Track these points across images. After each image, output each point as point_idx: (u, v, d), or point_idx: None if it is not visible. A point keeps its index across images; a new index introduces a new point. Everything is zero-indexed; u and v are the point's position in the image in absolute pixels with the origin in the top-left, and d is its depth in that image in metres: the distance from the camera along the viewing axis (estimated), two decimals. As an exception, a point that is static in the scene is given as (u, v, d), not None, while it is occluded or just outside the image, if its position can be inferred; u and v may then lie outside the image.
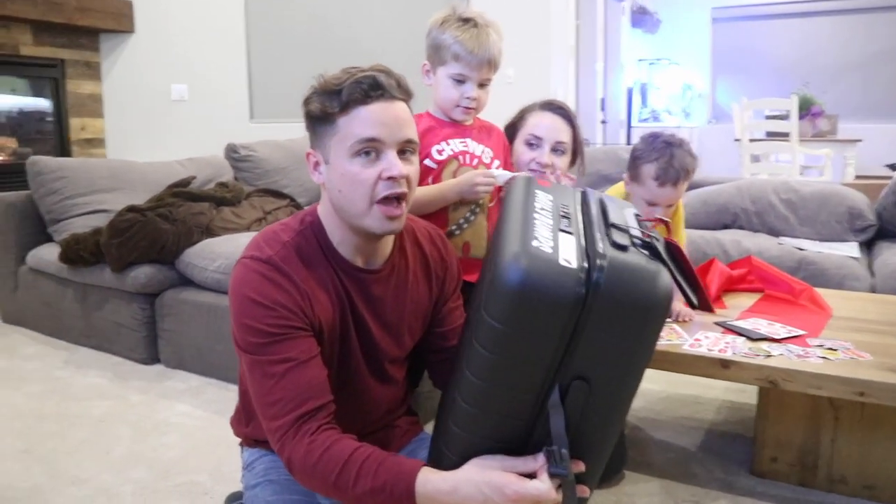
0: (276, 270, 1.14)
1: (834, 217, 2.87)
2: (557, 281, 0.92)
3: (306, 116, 1.19)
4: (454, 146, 1.67)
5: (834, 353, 1.61)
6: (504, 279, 0.92)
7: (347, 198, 1.16)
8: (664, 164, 1.80)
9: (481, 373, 0.98)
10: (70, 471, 1.93)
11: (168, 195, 3.11)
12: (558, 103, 1.81)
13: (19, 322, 3.23)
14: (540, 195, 1.15)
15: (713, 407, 2.27)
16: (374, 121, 1.13)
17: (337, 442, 1.07)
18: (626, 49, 7.56)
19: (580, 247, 0.99)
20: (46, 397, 2.43)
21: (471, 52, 1.58)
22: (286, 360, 1.10)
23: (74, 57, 4.79)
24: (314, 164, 1.21)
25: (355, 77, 1.15)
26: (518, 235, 0.98)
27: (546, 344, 0.94)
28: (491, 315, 0.95)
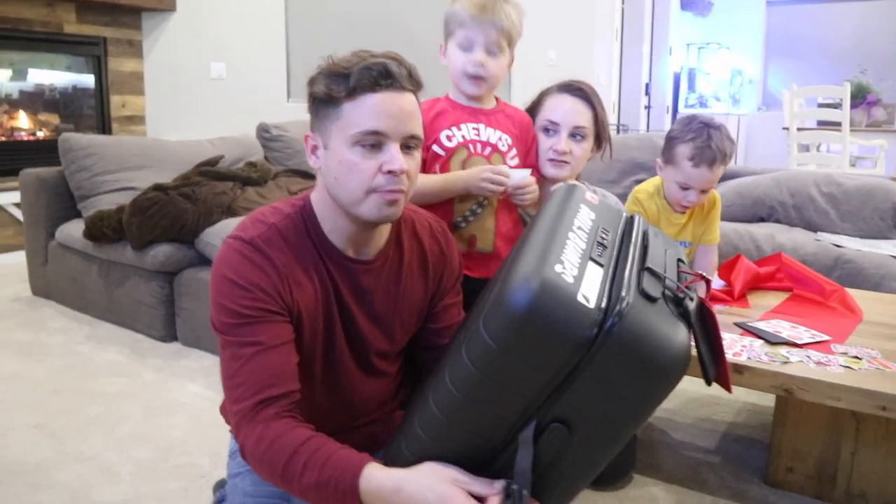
0: (256, 251, 1.11)
1: (878, 213, 2.72)
2: (568, 317, 0.83)
3: (310, 97, 1.14)
4: (466, 132, 1.57)
5: (858, 361, 1.51)
6: (510, 298, 0.84)
7: (343, 186, 1.12)
8: (701, 144, 1.74)
9: (461, 385, 0.92)
10: (77, 447, 1.94)
11: (195, 174, 3.12)
12: (577, 84, 1.69)
13: (48, 295, 3.30)
14: (583, 211, 1.05)
15: (733, 409, 2.17)
16: (380, 112, 1.09)
17: (290, 431, 1.02)
18: (675, 32, 7.33)
19: (606, 282, 0.89)
20: (65, 372, 2.47)
21: (474, 17, 1.49)
22: (255, 344, 1.07)
23: (117, 35, 4.84)
24: (312, 147, 1.17)
25: (366, 62, 1.09)
26: (540, 252, 0.89)
27: (537, 378, 0.87)
28: (488, 330, 0.86)
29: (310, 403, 1.23)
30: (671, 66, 7.35)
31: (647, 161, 3.25)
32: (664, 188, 1.88)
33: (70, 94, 4.75)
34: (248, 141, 3.80)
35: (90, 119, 4.82)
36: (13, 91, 4.46)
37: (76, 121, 4.77)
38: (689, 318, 0.90)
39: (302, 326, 1.15)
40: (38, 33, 4.37)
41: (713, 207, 1.93)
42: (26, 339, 2.79)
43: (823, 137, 5.13)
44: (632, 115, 6.44)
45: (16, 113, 4.48)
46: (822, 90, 5.47)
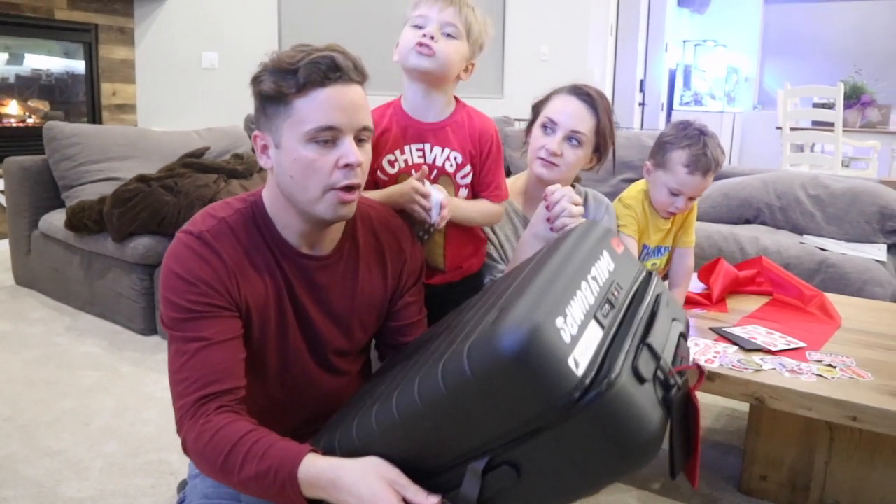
0: (204, 245, 1.10)
1: (864, 217, 2.70)
2: (552, 378, 0.80)
3: (256, 96, 1.12)
4: (409, 155, 1.44)
5: (832, 370, 1.49)
6: (501, 337, 0.81)
7: (300, 184, 1.10)
8: (697, 151, 1.71)
9: (426, 399, 0.89)
10: (47, 441, 1.93)
11: (179, 165, 3.09)
12: (589, 89, 1.63)
13: (30, 285, 3.27)
14: (603, 259, 1.01)
15: (711, 414, 2.16)
16: (332, 106, 1.07)
17: (230, 424, 1.01)
18: (671, 29, 7.29)
19: (602, 347, 0.87)
20: (42, 364, 2.45)
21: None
22: (199, 339, 1.07)
23: (108, 22, 4.80)
24: (262, 147, 1.14)
25: (312, 57, 1.08)
26: (547, 297, 0.86)
27: (503, 422, 0.85)
28: (469, 360, 0.84)
29: (266, 401, 1.23)
30: (666, 62, 7.32)
31: (635, 160, 3.23)
32: (651, 193, 1.84)
33: (60, 81, 4.71)
34: (236, 132, 3.77)
35: (81, 106, 4.79)
36: (8, 74, 4.42)
37: (67, 108, 4.74)
38: (670, 407, 0.88)
39: (251, 322, 1.14)
40: (28, 18, 4.33)
41: (691, 211, 1.91)
42: (5, 330, 2.76)
43: (816, 138, 5.11)
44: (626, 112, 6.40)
45: (6, 99, 4.44)
46: (816, 90, 5.44)
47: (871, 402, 1.34)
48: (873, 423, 1.34)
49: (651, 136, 3.37)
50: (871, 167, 5.14)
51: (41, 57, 4.57)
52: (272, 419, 1.21)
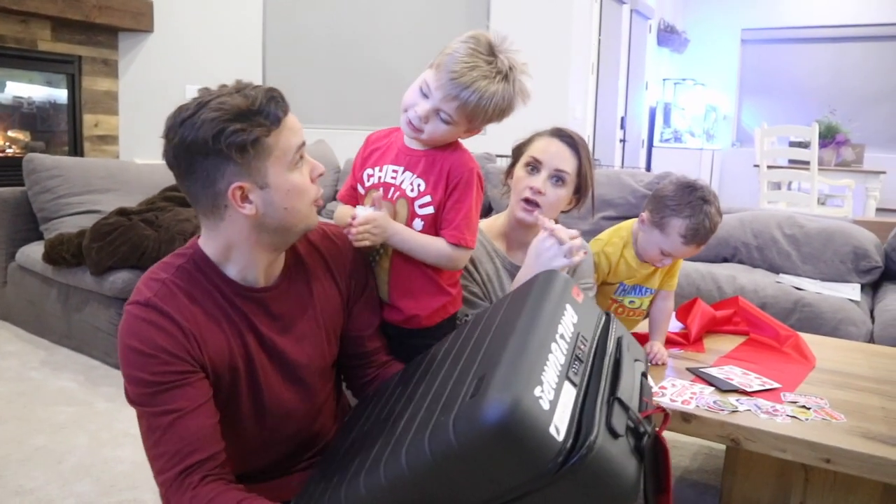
0: (156, 312, 1.07)
1: (838, 256, 2.74)
2: (536, 447, 0.83)
3: (235, 149, 1.05)
4: (384, 174, 1.44)
5: (806, 412, 1.50)
6: (485, 410, 0.84)
7: (295, 210, 1.14)
8: (696, 224, 1.71)
9: (413, 467, 0.92)
10: (17, 479, 1.89)
11: (160, 199, 3.09)
12: (570, 132, 1.66)
13: (6, 318, 3.23)
14: (567, 314, 1.04)
15: (689, 452, 2.17)
16: (296, 129, 1.13)
17: (221, 495, 1.01)
18: (651, 67, 7.43)
19: (577, 407, 0.90)
20: (14, 399, 2.41)
21: (447, 72, 1.28)
22: (170, 412, 1.05)
23: (92, 54, 4.82)
24: (241, 197, 1.09)
25: (259, 93, 1.09)
26: (519, 366, 0.89)
27: (489, 488, 0.88)
28: (455, 430, 0.87)
29: (245, 444, 1.22)
30: (647, 100, 7.45)
31: (615, 198, 3.28)
32: (639, 242, 1.83)
33: (43, 112, 4.70)
34: (219, 165, 3.77)
35: (62, 136, 4.78)
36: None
37: (48, 138, 4.72)
38: (643, 454, 0.92)
39: (219, 376, 1.13)
40: (11, 49, 4.33)
41: (679, 260, 1.93)
42: (-22, 364, 2.73)
43: (793, 176, 5.21)
44: (607, 149, 6.49)
45: (-14, 129, 4.43)
46: (792, 130, 5.56)
47: (843, 445, 1.35)
48: (846, 466, 1.35)
49: (630, 175, 3.42)
50: (847, 205, 5.24)
51: (22, 85, 4.57)
52: (254, 458, 1.23)
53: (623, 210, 3.14)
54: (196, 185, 1.08)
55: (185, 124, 1.06)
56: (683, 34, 7.98)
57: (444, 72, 1.29)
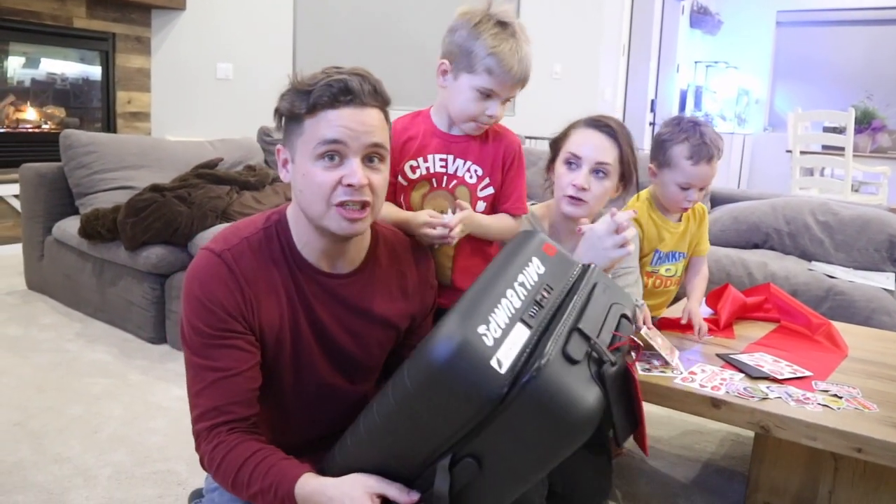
0: (224, 266, 1.14)
1: (873, 244, 2.70)
2: (477, 380, 0.90)
3: (276, 113, 1.17)
4: (431, 164, 1.48)
5: (837, 401, 1.50)
6: (429, 351, 0.91)
7: (307, 199, 1.15)
8: (696, 142, 1.73)
9: (383, 415, 1.01)
10: (55, 448, 1.94)
11: (192, 176, 3.12)
12: (607, 120, 1.64)
13: (42, 290, 3.31)
14: (532, 264, 1.09)
15: (716, 438, 2.16)
16: (339, 125, 1.11)
17: (241, 444, 1.10)
18: (683, 50, 7.32)
19: (529, 345, 0.96)
20: (52, 370, 2.47)
21: (507, 71, 1.38)
22: (216, 370, 1.12)
23: (125, 31, 4.86)
24: (283, 161, 1.19)
25: (328, 80, 1.11)
26: (471, 308, 0.96)
27: (446, 425, 0.95)
28: (409, 375, 0.95)
29: (282, 415, 1.28)
30: (678, 83, 7.34)
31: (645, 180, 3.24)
32: (659, 195, 1.85)
33: (77, 88, 4.77)
34: (249, 144, 3.80)
35: (96, 113, 4.84)
36: (25, 79, 4.48)
37: (81, 114, 4.79)
38: (605, 383, 0.96)
39: (265, 343, 1.19)
40: (47, 27, 4.39)
41: (703, 218, 1.94)
42: (16, 334, 2.79)
43: (826, 162, 5.12)
44: (636, 132, 6.42)
45: (23, 105, 4.50)
46: (827, 115, 5.46)
47: (875, 435, 1.34)
48: (878, 456, 1.34)
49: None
50: (882, 193, 5.14)
51: (56, 61, 4.63)
52: (289, 432, 1.27)
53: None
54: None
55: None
56: (717, 16, 7.84)
57: (499, 71, 1.37)
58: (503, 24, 1.40)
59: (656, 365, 1.61)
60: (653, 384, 1.54)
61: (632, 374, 1.06)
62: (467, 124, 1.46)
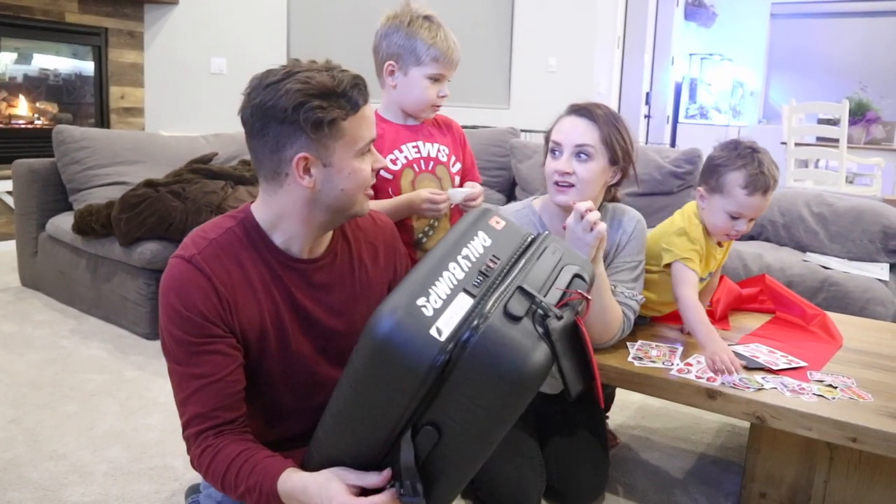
0: (196, 271, 1.14)
1: (867, 235, 2.71)
2: (417, 349, 0.92)
3: (311, 124, 1.09)
4: (407, 153, 1.66)
5: (832, 390, 1.50)
6: (371, 328, 0.94)
7: (350, 194, 1.18)
8: (754, 171, 1.64)
9: (342, 400, 1.04)
10: (51, 445, 1.94)
11: (186, 171, 3.11)
12: (584, 105, 1.63)
13: (36, 287, 3.29)
14: (478, 238, 1.10)
15: (712, 429, 2.17)
16: (371, 122, 1.18)
17: (227, 446, 1.12)
18: (678, 42, 7.32)
19: (471, 311, 0.97)
20: (47, 366, 2.46)
21: (450, 55, 1.62)
22: (201, 377, 1.13)
23: (118, 26, 4.84)
24: (304, 168, 1.13)
25: (351, 79, 1.14)
26: (411, 287, 0.98)
27: (398, 397, 0.96)
28: (357, 354, 0.98)
29: (275, 408, 1.28)
30: (672, 75, 7.34)
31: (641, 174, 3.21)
32: (705, 219, 1.74)
33: (70, 84, 4.74)
34: (243, 138, 3.74)
35: (89, 108, 4.82)
36: (17, 74, 4.45)
37: (74, 109, 4.77)
38: (550, 337, 0.97)
39: (248, 342, 1.19)
40: (39, 22, 4.37)
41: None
42: (11, 331, 2.78)
43: (821, 154, 5.12)
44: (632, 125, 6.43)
45: (15, 100, 4.47)
46: (821, 106, 5.46)
47: (870, 424, 1.35)
48: (873, 445, 1.35)
49: (656, 151, 3.39)
50: (876, 184, 5.15)
51: (49, 57, 4.61)
52: (284, 424, 1.28)
53: (649, 186, 3.12)
54: (264, 148, 1.14)
55: (270, 88, 1.10)
56: (711, 8, 7.83)
57: (442, 56, 1.60)
58: (428, 17, 1.63)
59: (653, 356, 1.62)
60: (648, 376, 1.54)
61: (581, 328, 1.06)
62: (426, 111, 1.67)
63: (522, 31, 5.38)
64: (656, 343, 1.72)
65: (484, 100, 5.50)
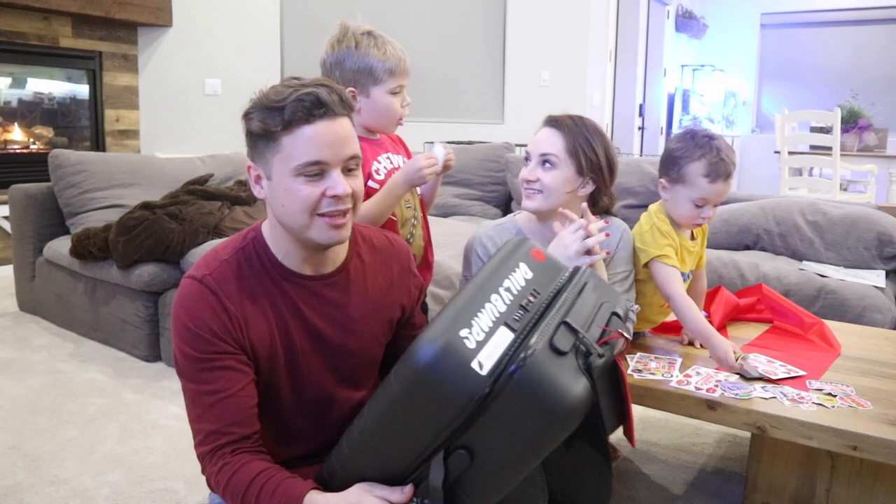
0: (207, 290, 1.15)
1: (862, 243, 2.72)
2: (458, 381, 0.92)
3: (247, 133, 1.17)
4: (384, 164, 1.70)
5: (832, 399, 1.50)
6: (415, 354, 0.94)
7: (289, 212, 1.15)
8: (714, 159, 1.67)
9: (374, 417, 1.04)
10: (52, 470, 1.93)
11: (183, 192, 3.12)
12: (557, 116, 1.66)
13: (34, 311, 3.29)
14: (519, 270, 1.11)
15: (713, 440, 2.17)
16: (318, 142, 1.12)
17: (246, 464, 1.11)
18: (669, 54, 7.37)
19: (513, 346, 0.98)
20: (46, 391, 2.46)
21: (403, 65, 1.65)
22: (214, 393, 1.13)
23: (112, 49, 4.87)
24: (255, 177, 1.19)
25: (298, 94, 1.12)
26: (454, 316, 0.98)
27: (434, 423, 0.97)
28: (396, 377, 0.98)
29: (285, 427, 1.28)
30: (665, 87, 7.39)
31: (636, 186, 3.27)
32: (671, 210, 1.77)
33: (65, 108, 4.76)
34: (239, 158, 3.80)
35: (84, 131, 4.84)
36: (12, 99, 4.47)
37: (69, 133, 4.79)
38: (592, 373, 0.98)
39: (259, 361, 1.20)
40: (33, 46, 4.39)
41: (706, 232, 1.92)
42: (9, 356, 2.78)
43: (814, 162, 5.15)
44: (626, 137, 6.46)
45: (10, 125, 4.49)
46: (813, 115, 5.50)
47: (870, 432, 1.35)
48: (873, 453, 1.35)
49: (651, 163, 3.41)
50: (870, 191, 5.18)
51: (43, 81, 4.63)
52: (293, 444, 1.29)
53: (643, 198, 3.13)
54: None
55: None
56: (702, 20, 7.90)
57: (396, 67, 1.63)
58: (370, 33, 1.66)
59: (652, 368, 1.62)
60: (649, 388, 1.55)
61: (619, 367, 1.07)
62: (394, 124, 1.70)
63: (515, 45, 5.42)
64: (655, 355, 1.73)
65: (478, 115, 5.53)
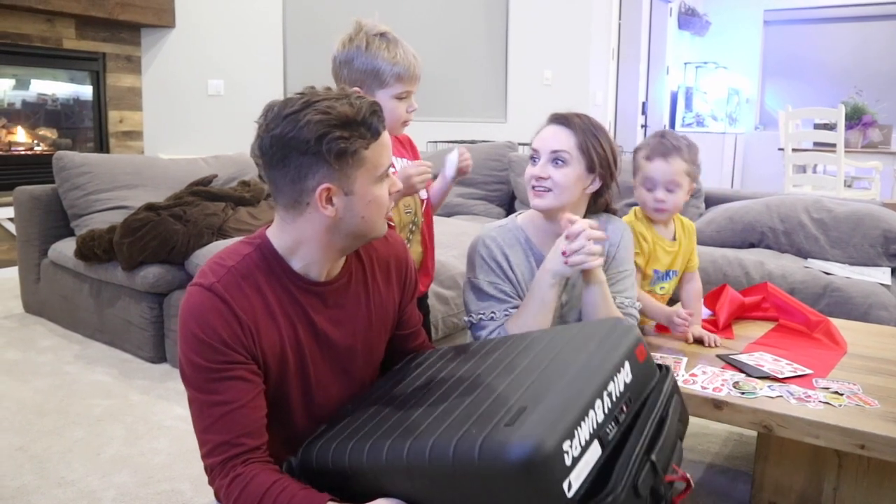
0: (217, 298, 1.13)
1: (867, 240, 2.71)
2: (545, 497, 0.87)
3: (335, 154, 1.10)
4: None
5: (838, 398, 1.50)
6: (512, 446, 0.87)
7: (370, 220, 1.18)
8: (654, 142, 1.82)
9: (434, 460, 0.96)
10: (59, 471, 1.94)
11: (187, 194, 3.12)
12: (563, 113, 1.64)
13: (40, 313, 3.30)
14: (623, 371, 1.06)
15: (720, 438, 2.16)
16: (388, 146, 1.19)
17: (256, 476, 1.08)
18: (672, 51, 7.35)
19: (598, 464, 0.94)
20: (52, 393, 2.46)
21: (412, 71, 1.64)
22: (223, 404, 1.11)
23: (115, 51, 4.88)
24: (327, 199, 1.13)
25: (367, 105, 1.13)
26: (564, 419, 0.92)
27: None
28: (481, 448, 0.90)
29: (294, 432, 1.26)
30: (668, 85, 7.37)
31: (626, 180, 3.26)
32: (640, 206, 1.90)
33: (68, 109, 4.77)
34: (243, 159, 3.80)
35: (88, 133, 4.85)
36: (16, 101, 4.48)
37: (73, 135, 4.80)
38: None
39: (269, 368, 1.18)
40: (37, 48, 4.40)
41: (693, 233, 1.95)
42: (15, 358, 2.78)
43: (818, 159, 5.13)
44: (629, 135, 6.44)
45: (14, 127, 4.50)
46: (817, 112, 5.48)
47: (877, 431, 1.35)
48: (880, 451, 1.35)
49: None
50: (874, 187, 5.16)
51: (47, 83, 4.64)
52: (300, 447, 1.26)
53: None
54: (285, 178, 1.12)
55: (289, 119, 1.09)
56: (704, 17, 7.88)
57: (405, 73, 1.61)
58: (383, 34, 1.63)
59: None
60: (654, 387, 1.54)
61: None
62: (397, 129, 1.69)
63: (517, 44, 5.42)
64: (661, 354, 1.73)
65: (481, 114, 5.53)
